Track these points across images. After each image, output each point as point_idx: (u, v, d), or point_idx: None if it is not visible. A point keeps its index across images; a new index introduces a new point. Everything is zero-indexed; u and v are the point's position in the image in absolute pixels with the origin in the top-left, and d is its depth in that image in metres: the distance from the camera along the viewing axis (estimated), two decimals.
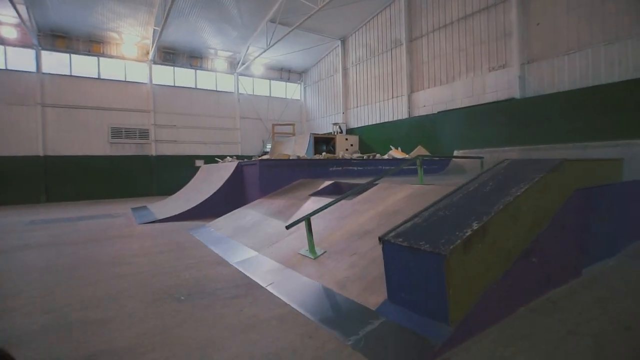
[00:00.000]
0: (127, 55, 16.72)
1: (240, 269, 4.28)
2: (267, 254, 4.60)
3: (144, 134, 17.27)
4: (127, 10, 14.36)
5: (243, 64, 19.29)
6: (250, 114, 20.17)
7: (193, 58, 18.41)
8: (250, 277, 3.97)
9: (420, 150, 13.31)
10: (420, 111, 14.38)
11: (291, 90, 21.89)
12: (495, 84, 11.73)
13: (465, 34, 12.59)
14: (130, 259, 4.88)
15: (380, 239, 2.80)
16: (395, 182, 6.15)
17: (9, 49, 14.55)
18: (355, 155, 13.71)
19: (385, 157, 11.61)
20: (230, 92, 19.66)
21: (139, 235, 6.71)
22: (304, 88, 21.91)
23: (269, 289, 3.54)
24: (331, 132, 18.06)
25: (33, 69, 14.95)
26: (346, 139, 16.81)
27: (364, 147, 16.93)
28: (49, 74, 15.30)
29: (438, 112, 13.51)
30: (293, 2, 14.89)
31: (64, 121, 15.56)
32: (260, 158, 9.45)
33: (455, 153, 12.43)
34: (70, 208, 12.63)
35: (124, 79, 16.93)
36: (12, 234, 7.24)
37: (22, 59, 14.81)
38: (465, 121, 12.43)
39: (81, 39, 15.67)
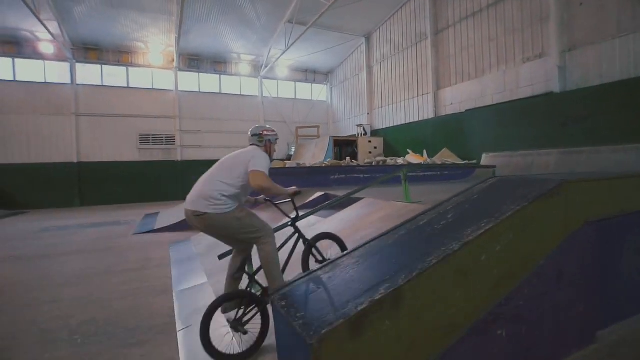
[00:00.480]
0: (153, 64, 17.18)
1: (176, 301, 3.77)
2: (214, 282, 4.04)
3: (170, 140, 17.67)
4: (147, 20, 14.67)
5: (266, 67, 19.07)
6: (274, 117, 19.91)
7: (217, 63, 18.53)
8: (176, 314, 3.43)
9: (445, 154, 12.11)
10: (447, 110, 13.10)
11: (317, 92, 21.34)
12: (531, 77, 10.24)
13: (495, 22, 11.18)
14: (78, 280, 4.58)
15: (269, 295, 2.10)
16: (383, 197, 5.32)
17: (47, 63, 15.52)
18: (378, 159, 12.82)
19: (400, 161, 10.60)
20: (254, 96, 19.55)
21: (119, 249, 6.50)
22: (330, 89, 21.26)
23: (180, 335, 2.97)
24: (355, 135, 17.23)
25: (68, 80, 15.83)
26: (369, 142, 15.90)
27: (388, 149, 15.90)
28: (82, 85, 16.13)
29: (466, 111, 12.18)
30: (309, 1, 14.34)
31: (96, 129, 16.32)
32: None
33: (484, 157, 11.08)
34: (97, 212, 13.13)
35: (151, 87, 17.42)
36: (11, 242, 7.42)
37: (58, 72, 15.74)
38: (496, 120, 11.03)
39: (111, 50, 16.34)
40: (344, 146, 15.57)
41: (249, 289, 2.63)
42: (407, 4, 14.78)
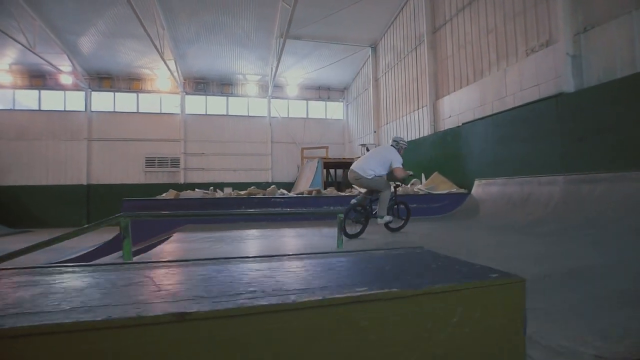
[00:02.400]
0: (161, 89, 17.51)
1: None
2: None
3: (175, 163, 17.63)
4: (143, 47, 14.88)
5: (274, 86, 18.21)
6: (283, 138, 18.80)
7: (224, 85, 18.25)
8: None
9: (435, 179, 9.50)
10: (446, 124, 10.46)
11: (332, 110, 19.75)
12: (536, 74, 7.39)
13: (494, 8, 8.55)
14: None
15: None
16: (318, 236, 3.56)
17: (68, 93, 16.75)
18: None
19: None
20: (262, 117, 18.75)
21: None
22: (347, 106, 19.49)
23: None
24: (353, 155, 15.09)
25: (83, 108, 16.84)
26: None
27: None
28: (97, 111, 17.02)
29: (463, 124, 9.46)
30: (297, 14, 13.13)
31: (106, 153, 16.97)
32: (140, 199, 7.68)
33: (476, 184, 8.25)
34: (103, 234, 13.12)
35: (159, 111, 17.74)
36: None
37: (76, 101, 16.86)
38: (494, 135, 8.21)
39: (122, 78, 17.09)
40: (345, 168, 13.57)
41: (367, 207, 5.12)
42: (407, 4, 12.63)
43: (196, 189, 8.51)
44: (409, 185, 9.20)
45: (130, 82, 17.29)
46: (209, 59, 16.25)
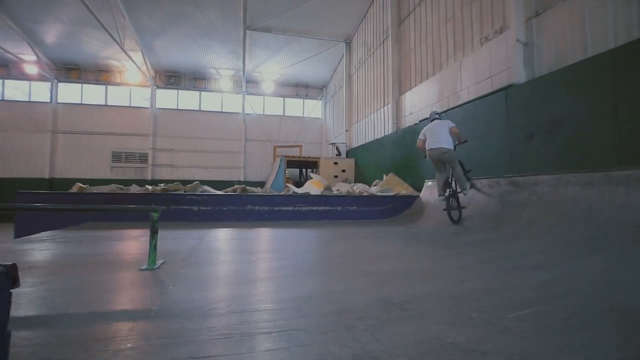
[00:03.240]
0: (131, 82, 16.91)
1: None
2: None
3: (143, 158, 16.98)
4: (106, 37, 14.24)
5: (250, 81, 17.58)
6: (257, 136, 18.11)
7: (197, 80, 17.62)
8: None
9: (390, 181, 8.75)
10: (406, 121, 9.72)
11: (310, 108, 19.05)
12: (490, 64, 6.65)
13: None
14: None
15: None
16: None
17: (33, 83, 16.16)
18: (338, 185, 9.96)
19: (299, 191, 7.64)
20: (236, 113, 18.08)
21: None
22: (325, 104, 18.79)
23: None
24: (329, 155, 14.40)
25: (48, 99, 16.24)
26: (335, 163, 12.93)
27: (359, 173, 12.73)
28: (63, 103, 16.41)
29: (420, 122, 8.73)
30: (261, 5, 12.50)
31: (71, 146, 16.34)
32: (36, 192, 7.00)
33: (425, 186, 7.50)
34: None
35: (128, 105, 17.12)
36: None
37: (41, 91, 16.27)
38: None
39: (89, 69, 16.50)
40: (302, 167, 12.89)
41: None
42: None
43: (104, 186, 7.80)
44: (355, 188, 8.46)
45: (99, 73, 16.70)
46: (178, 52, 15.63)
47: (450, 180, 5.51)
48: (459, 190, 5.45)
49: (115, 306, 1.85)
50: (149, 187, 7.16)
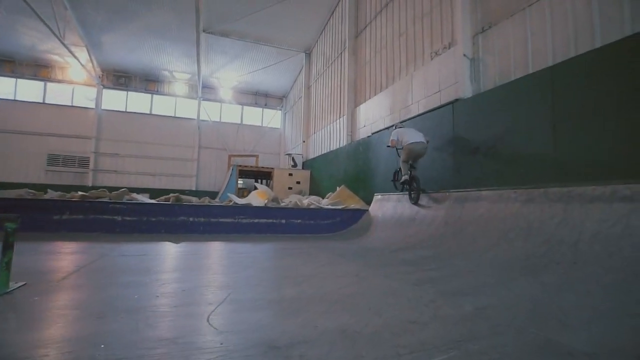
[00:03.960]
0: (75, 80, 15.62)
1: None
2: None
3: (83, 162, 15.59)
4: (46, 29, 13.09)
5: (207, 87, 16.89)
6: (213, 143, 17.33)
7: (149, 82, 16.64)
8: None
9: (341, 194, 8.45)
10: (360, 133, 9.56)
11: (270, 118, 18.61)
12: (439, 79, 6.61)
13: (406, 8, 7.84)
14: None
15: None
16: None
17: None
18: (290, 197, 9.42)
19: (240, 202, 7.09)
20: (191, 119, 17.23)
21: None
22: (284, 115, 18.44)
23: None
24: (286, 166, 13.97)
25: None
26: (290, 175, 12.51)
27: (314, 185, 12.39)
28: None
29: (372, 134, 8.58)
30: (217, 8, 12.05)
31: (1, 146, 14.65)
32: None
33: (375, 198, 7.26)
34: None
35: (70, 104, 15.75)
36: None
37: None
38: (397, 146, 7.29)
39: (25, 63, 15.05)
40: (254, 178, 12.35)
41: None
42: (337, 6, 11.90)
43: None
44: (305, 200, 8.08)
45: (37, 68, 15.28)
46: (129, 51, 14.68)
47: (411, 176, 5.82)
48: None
49: None
50: (67, 194, 6.30)
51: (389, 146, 5.98)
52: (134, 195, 6.25)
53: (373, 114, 8.94)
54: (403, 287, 2.60)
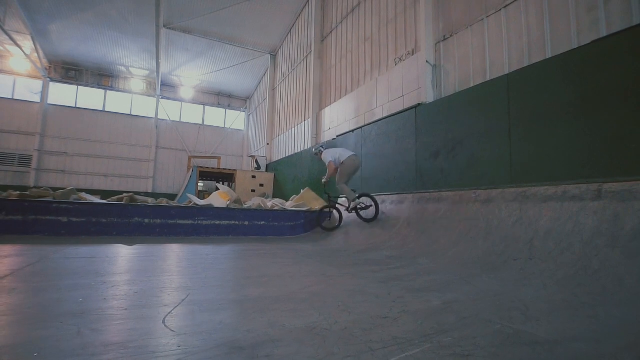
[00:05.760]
0: (16, 70, 14.32)
1: None
2: None
3: (24, 161, 14.27)
4: None
5: (167, 85, 16.18)
6: (171, 144, 16.60)
7: (102, 77, 15.65)
8: None
9: (305, 196, 8.35)
10: (325, 135, 9.57)
11: (233, 119, 18.19)
12: (402, 84, 6.77)
13: (371, 14, 7.99)
14: None
15: None
16: None
17: None
18: (252, 200, 9.10)
19: (200, 203, 6.78)
20: (148, 118, 16.40)
21: None
22: (248, 116, 18.11)
23: None
24: (252, 167, 13.66)
25: None
26: (253, 177, 12.24)
27: (278, 188, 12.21)
28: None
29: (337, 137, 8.61)
30: (178, 2, 11.61)
31: None
32: None
33: (340, 201, 7.27)
34: None
35: (10, 97, 14.40)
36: None
37: None
38: (362, 148, 7.38)
39: None
40: (215, 179, 11.95)
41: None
42: (303, 9, 11.91)
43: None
44: (269, 202, 7.91)
45: None
46: (80, 42, 13.71)
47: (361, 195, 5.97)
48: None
49: None
50: (2, 193, 5.67)
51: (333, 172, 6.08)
52: (83, 195, 5.76)
53: (338, 117, 8.99)
54: (370, 285, 2.57)
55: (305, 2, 11.68)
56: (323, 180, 6.16)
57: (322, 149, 6.33)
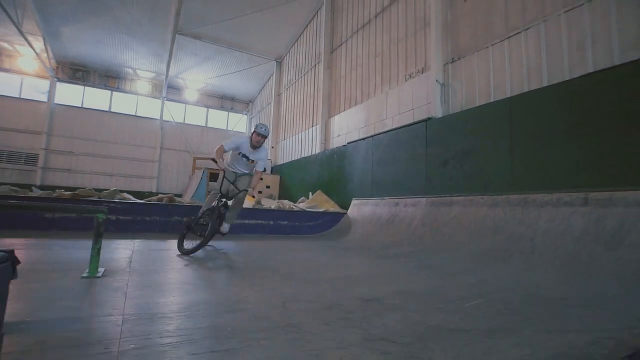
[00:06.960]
0: (25, 70, 14.52)
1: None
2: None
3: (31, 159, 14.48)
4: None
5: (172, 87, 16.59)
6: (175, 145, 17.02)
7: (109, 78, 15.97)
8: None
9: (317, 198, 9.05)
10: (335, 142, 10.28)
11: (235, 122, 18.72)
12: (412, 98, 7.53)
13: (382, 33, 8.74)
14: None
15: None
16: None
17: None
18: (263, 201, 9.70)
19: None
20: (153, 119, 16.78)
21: None
22: (250, 119, 18.67)
23: None
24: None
25: None
26: (260, 179, 12.78)
27: (284, 190, 12.85)
28: None
29: (348, 143, 9.33)
30: (192, 9, 12.12)
31: None
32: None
33: (353, 203, 8.01)
34: None
35: (17, 96, 14.59)
36: None
37: None
38: (373, 155, 8.13)
39: None
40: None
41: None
42: (311, 22, 12.59)
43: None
44: (283, 203, 8.58)
45: None
46: (90, 44, 14.03)
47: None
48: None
49: (82, 312, 1.64)
50: (54, 193, 6.17)
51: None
52: (125, 194, 6.32)
53: (348, 125, 9.71)
54: (413, 271, 3.29)
55: (314, 14, 12.37)
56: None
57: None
